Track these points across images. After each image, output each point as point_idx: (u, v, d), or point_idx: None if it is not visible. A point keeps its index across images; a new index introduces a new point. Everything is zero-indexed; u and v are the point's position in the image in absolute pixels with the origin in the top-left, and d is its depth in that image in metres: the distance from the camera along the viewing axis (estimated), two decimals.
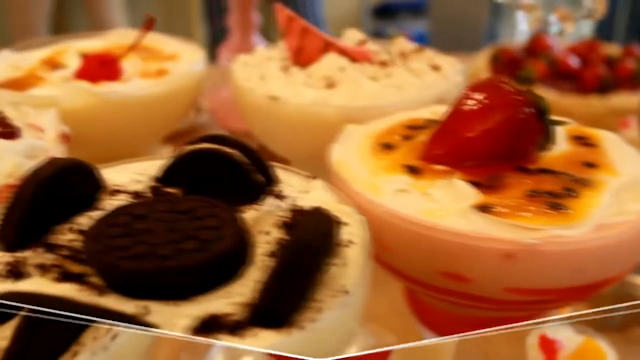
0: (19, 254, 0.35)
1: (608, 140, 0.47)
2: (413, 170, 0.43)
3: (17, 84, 0.58)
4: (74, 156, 0.41)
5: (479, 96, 0.43)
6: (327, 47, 0.58)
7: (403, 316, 0.54)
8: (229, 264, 0.34)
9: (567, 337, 0.65)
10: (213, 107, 0.99)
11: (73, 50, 0.66)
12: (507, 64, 1.11)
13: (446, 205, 0.39)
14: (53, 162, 0.38)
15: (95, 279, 0.34)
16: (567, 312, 0.59)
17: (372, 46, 0.62)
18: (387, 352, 0.44)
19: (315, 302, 0.31)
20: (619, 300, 0.81)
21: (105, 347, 0.30)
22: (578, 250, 0.37)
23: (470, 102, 0.43)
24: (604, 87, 1.05)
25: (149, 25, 0.59)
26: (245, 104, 0.57)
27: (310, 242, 0.31)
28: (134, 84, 0.58)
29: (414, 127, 0.48)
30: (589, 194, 0.40)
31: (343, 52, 0.58)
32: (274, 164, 0.43)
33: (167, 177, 0.42)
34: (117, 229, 0.35)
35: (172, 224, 0.35)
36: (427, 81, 0.56)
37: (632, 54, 1.14)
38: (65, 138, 0.49)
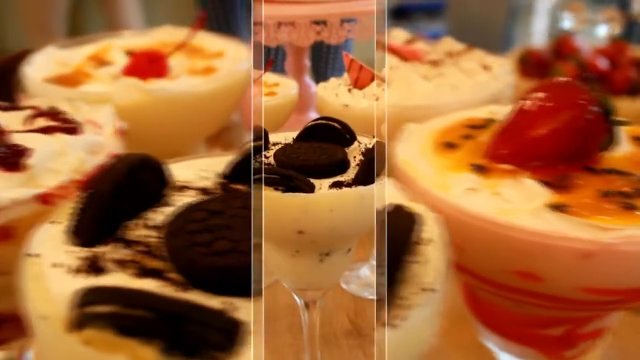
0: (97, 250, 0.35)
1: None
2: (480, 169, 0.42)
3: (67, 80, 0.58)
4: (130, 152, 0.41)
5: (545, 96, 0.43)
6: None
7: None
8: None
9: None
10: (242, 106, 0.99)
11: (117, 47, 0.66)
12: (535, 66, 1.11)
13: (519, 205, 0.39)
14: (126, 159, 0.38)
15: (174, 275, 0.33)
16: None
17: (421, 45, 0.62)
18: None
19: (403, 300, 0.31)
20: None
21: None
22: None
23: (537, 101, 0.43)
24: (634, 89, 1.04)
25: (200, 23, 0.59)
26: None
27: (392, 239, 0.31)
28: (184, 81, 0.58)
29: (473, 127, 0.48)
30: None
31: (393, 51, 0.58)
32: None
33: (234, 173, 0.42)
34: (195, 225, 0.35)
35: (249, 220, 0.35)
36: (480, 81, 0.56)
37: None
38: (122, 134, 0.49)
